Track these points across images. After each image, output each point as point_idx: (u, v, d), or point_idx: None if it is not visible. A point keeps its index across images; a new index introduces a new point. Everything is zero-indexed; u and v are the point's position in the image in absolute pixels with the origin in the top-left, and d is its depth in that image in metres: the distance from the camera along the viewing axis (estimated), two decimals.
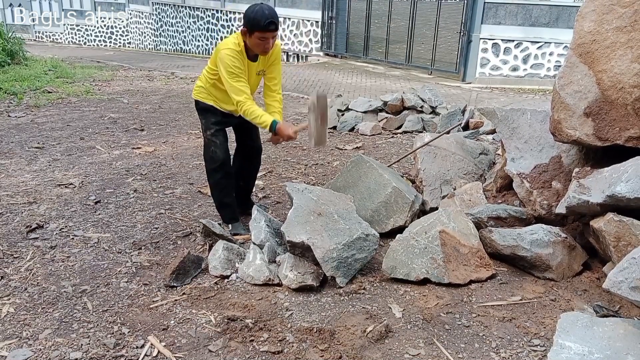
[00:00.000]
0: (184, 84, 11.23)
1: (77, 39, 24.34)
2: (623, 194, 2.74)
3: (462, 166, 4.33)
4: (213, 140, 3.64)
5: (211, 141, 3.65)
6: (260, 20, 3.14)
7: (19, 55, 12.31)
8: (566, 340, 2.22)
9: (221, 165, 3.67)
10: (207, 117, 3.66)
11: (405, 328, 2.65)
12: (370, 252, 3.13)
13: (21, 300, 2.87)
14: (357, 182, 3.90)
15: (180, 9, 20.52)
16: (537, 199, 3.45)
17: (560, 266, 3.09)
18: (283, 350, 2.46)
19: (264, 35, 3.21)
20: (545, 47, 12.81)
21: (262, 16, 3.14)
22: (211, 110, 3.63)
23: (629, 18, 3.00)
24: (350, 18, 15.82)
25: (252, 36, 3.23)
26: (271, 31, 3.20)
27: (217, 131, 3.64)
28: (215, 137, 3.63)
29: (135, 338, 2.55)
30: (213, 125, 3.64)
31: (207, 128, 3.66)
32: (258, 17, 3.14)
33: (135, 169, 5.19)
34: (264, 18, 3.14)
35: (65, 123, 7.13)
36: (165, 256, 3.42)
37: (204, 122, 3.70)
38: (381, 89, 10.94)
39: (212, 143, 3.65)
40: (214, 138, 3.63)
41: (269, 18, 3.15)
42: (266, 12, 3.15)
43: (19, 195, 4.40)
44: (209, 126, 3.64)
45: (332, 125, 7.31)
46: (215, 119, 3.64)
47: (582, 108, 3.17)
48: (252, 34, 3.22)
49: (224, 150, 3.65)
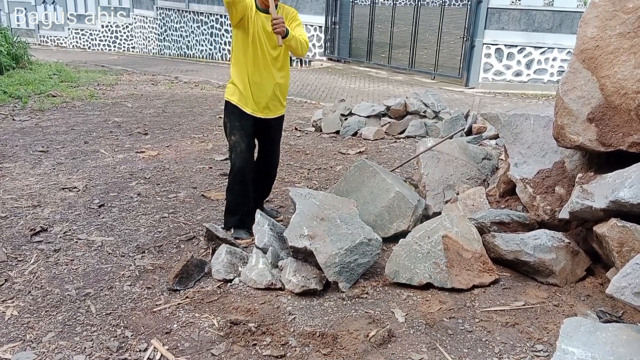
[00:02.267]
0: (187, 89, 11.27)
1: (81, 43, 24.44)
2: (626, 199, 2.73)
3: (465, 171, 4.33)
4: (234, 146, 3.64)
5: (232, 147, 3.65)
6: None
7: (24, 59, 12.38)
8: (569, 346, 2.21)
9: (237, 173, 3.66)
10: (231, 120, 3.65)
11: (408, 333, 2.65)
12: (373, 256, 3.13)
13: (25, 304, 2.88)
14: (360, 187, 3.90)
15: (184, 13, 20.60)
16: (541, 204, 3.45)
17: (563, 271, 3.09)
18: (286, 355, 2.46)
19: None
20: (549, 53, 12.81)
21: None
22: (235, 113, 3.62)
23: (632, 24, 3.00)
24: (354, 23, 15.85)
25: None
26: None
27: (240, 138, 3.61)
28: (238, 144, 3.62)
29: (138, 341, 2.55)
30: (235, 131, 3.63)
31: (230, 133, 3.66)
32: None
33: (139, 173, 5.21)
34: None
35: (70, 127, 7.16)
36: (168, 260, 3.43)
37: (228, 125, 3.68)
38: (384, 93, 10.96)
39: (233, 149, 3.65)
40: (235, 145, 3.63)
41: None
42: None
43: (23, 198, 4.42)
44: (232, 131, 3.64)
45: (335, 130, 7.33)
46: (240, 123, 3.62)
47: (585, 113, 3.17)
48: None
49: (241, 159, 3.62)
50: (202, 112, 8.45)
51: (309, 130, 7.56)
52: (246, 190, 3.74)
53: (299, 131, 7.46)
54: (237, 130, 3.63)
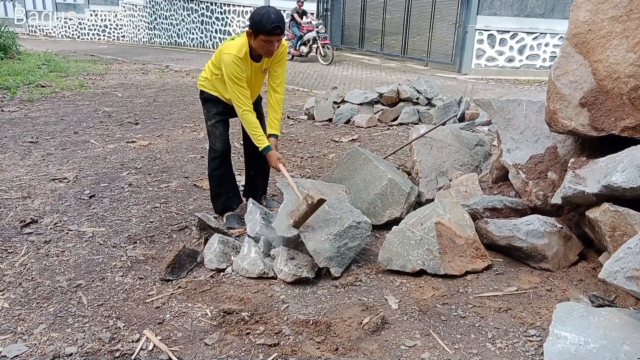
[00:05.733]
0: (178, 77, 11.17)
1: (70, 32, 24.18)
2: (619, 183, 2.74)
3: (458, 157, 4.32)
4: (213, 130, 3.64)
5: (211, 132, 3.65)
6: (265, 24, 3.10)
7: (12, 49, 12.23)
8: (562, 330, 2.22)
9: (219, 155, 3.66)
10: (209, 107, 3.65)
11: (402, 319, 2.65)
12: (363, 239, 3.13)
13: (16, 295, 2.85)
14: (353, 175, 3.89)
15: (174, 1, 20.39)
16: (533, 190, 3.45)
17: (556, 256, 3.10)
18: (279, 343, 2.45)
19: (269, 39, 3.18)
20: (541, 38, 12.80)
21: (267, 20, 3.10)
22: (214, 100, 3.62)
23: (624, 7, 2.98)
24: (346, 10, 15.77)
25: (257, 39, 3.20)
26: (276, 35, 3.17)
27: (218, 122, 3.63)
28: (216, 127, 3.63)
29: (130, 332, 2.54)
30: (215, 116, 3.63)
31: (208, 118, 3.66)
32: (264, 21, 3.10)
33: (130, 163, 5.16)
34: (269, 22, 3.10)
35: (59, 117, 7.08)
36: (160, 250, 3.41)
37: (205, 112, 3.69)
38: (377, 80, 10.92)
39: (212, 133, 3.65)
40: (214, 129, 3.63)
41: (275, 22, 3.11)
42: (272, 17, 3.11)
43: (13, 190, 4.37)
44: (210, 116, 3.64)
45: (328, 117, 7.29)
46: (217, 110, 3.63)
47: (577, 98, 3.16)
48: (257, 36, 3.18)
49: (223, 140, 3.65)
50: (194, 101, 8.38)
51: (302, 118, 7.52)
52: (229, 171, 3.78)
53: (292, 119, 7.42)
54: (216, 115, 3.63)
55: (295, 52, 14.62)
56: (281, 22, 3.16)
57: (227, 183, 3.78)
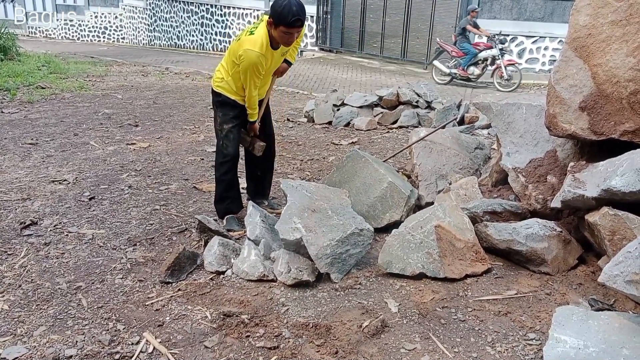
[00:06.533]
0: (178, 80, 11.18)
1: (70, 34, 24.19)
2: (618, 187, 2.74)
3: (457, 161, 4.33)
4: (228, 135, 3.61)
5: (226, 135, 3.62)
6: (287, 16, 3.11)
7: (12, 50, 12.22)
8: (561, 334, 2.22)
9: (229, 160, 3.66)
10: (226, 111, 3.61)
11: (401, 323, 2.65)
12: (364, 246, 3.13)
13: (15, 297, 2.85)
14: (352, 177, 3.89)
15: (174, 3, 20.42)
16: (533, 193, 3.45)
17: (555, 260, 3.10)
18: (279, 346, 2.45)
19: (289, 31, 3.19)
20: (540, 42, 12.82)
21: (289, 12, 3.10)
22: (231, 104, 3.59)
23: (624, 12, 2.99)
24: (345, 13, 15.79)
25: (277, 29, 3.21)
26: (297, 27, 3.18)
27: (235, 126, 3.61)
28: (231, 132, 3.61)
29: (130, 334, 2.54)
30: (232, 120, 3.60)
31: (224, 122, 3.61)
32: (285, 13, 3.10)
33: (130, 165, 5.16)
34: (290, 14, 3.10)
35: (59, 119, 7.08)
36: (160, 252, 3.41)
37: (221, 115, 3.63)
38: (376, 83, 10.94)
39: (226, 137, 3.62)
40: (229, 133, 3.61)
41: (296, 15, 3.11)
42: (294, 9, 3.11)
43: (13, 191, 4.37)
44: (227, 120, 3.60)
45: (328, 120, 7.30)
46: (234, 113, 3.60)
47: (577, 102, 3.17)
48: (277, 27, 3.19)
49: (235, 145, 3.64)
50: (193, 103, 8.38)
51: (301, 121, 7.52)
52: (236, 177, 3.80)
53: (291, 122, 7.42)
54: (234, 119, 3.61)
55: (463, 74, 11.48)
56: (302, 14, 3.16)
57: (233, 188, 3.78)
